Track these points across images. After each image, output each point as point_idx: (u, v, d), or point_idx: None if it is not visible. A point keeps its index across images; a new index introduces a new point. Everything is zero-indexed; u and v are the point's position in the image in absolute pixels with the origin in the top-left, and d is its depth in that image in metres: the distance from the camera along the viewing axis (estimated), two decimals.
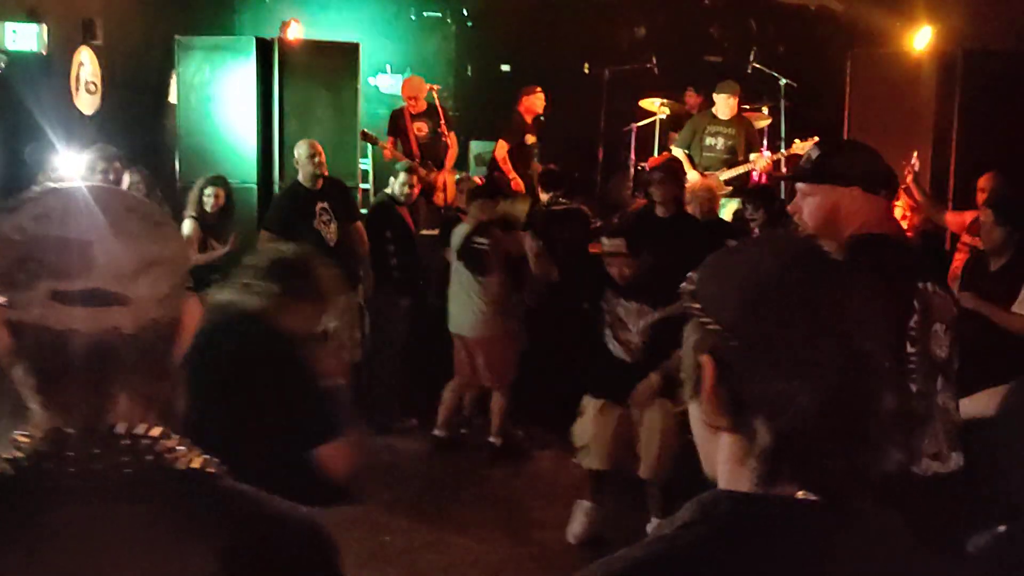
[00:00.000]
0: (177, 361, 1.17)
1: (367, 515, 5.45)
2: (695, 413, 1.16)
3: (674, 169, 6.95)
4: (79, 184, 1.16)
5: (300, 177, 6.77)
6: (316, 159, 6.65)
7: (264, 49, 7.50)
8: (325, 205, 6.71)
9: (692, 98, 10.08)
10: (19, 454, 1.09)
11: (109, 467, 1.09)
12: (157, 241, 1.12)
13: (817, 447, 1.06)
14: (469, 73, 11.39)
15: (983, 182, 6.29)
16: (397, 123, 9.01)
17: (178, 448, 1.13)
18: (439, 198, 8.73)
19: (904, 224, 6.18)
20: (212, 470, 1.15)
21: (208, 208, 6.70)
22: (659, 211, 6.52)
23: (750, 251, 1.20)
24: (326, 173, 6.76)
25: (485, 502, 5.87)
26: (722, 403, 1.11)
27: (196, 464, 1.14)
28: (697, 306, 1.13)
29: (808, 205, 2.62)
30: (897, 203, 6.41)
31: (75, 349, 1.08)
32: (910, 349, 2.34)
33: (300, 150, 6.73)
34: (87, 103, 8.06)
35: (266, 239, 6.47)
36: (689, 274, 1.18)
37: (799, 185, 2.69)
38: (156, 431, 1.12)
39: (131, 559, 1.08)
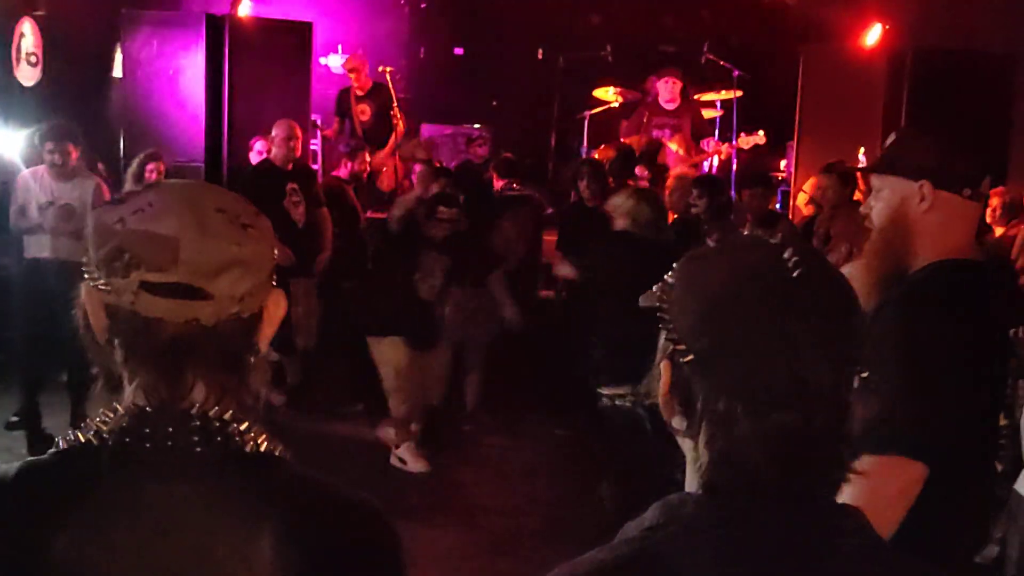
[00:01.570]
0: (260, 352, 1.26)
1: None
2: None
3: (597, 164, 7.15)
4: (182, 181, 1.27)
5: (273, 156, 6.75)
6: (292, 142, 6.64)
7: (214, 26, 7.35)
8: (295, 186, 6.68)
9: (655, 86, 10.01)
10: (104, 427, 1.18)
11: (181, 445, 1.17)
12: (240, 242, 1.19)
13: (754, 471, 1.06)
14: (421, 55, 11.29)
15: None
16: (343, 104, 8.93)
17: (247, 431, 1.21)
18: (383, 182, 8.65)
19: None
20: (279, 453, 1.23)
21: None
22: (588, 203, 6.71)
23: (713, 258, 1.16)
24: (299, 155, 6.75)
25: (433, 487, 5.84)
26: (675, 411, 1.12)
27: (263, 447, 1.21)
28: (664, 309, 1.13)
29: (876, 203, 2.12)
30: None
31: (160, 336, 1.17)
32: (1003, 421, 1.92)
33: (277, 130, 6.70)
34: (27, 75, 7.85)
35: None
36: (667, 274, 1.16)
37: (872, 180, 2.21)
38: (228, 414, 1.20)
39: (198, 534, 1.16)
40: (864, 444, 1.14)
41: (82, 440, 1.18)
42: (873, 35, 8.21)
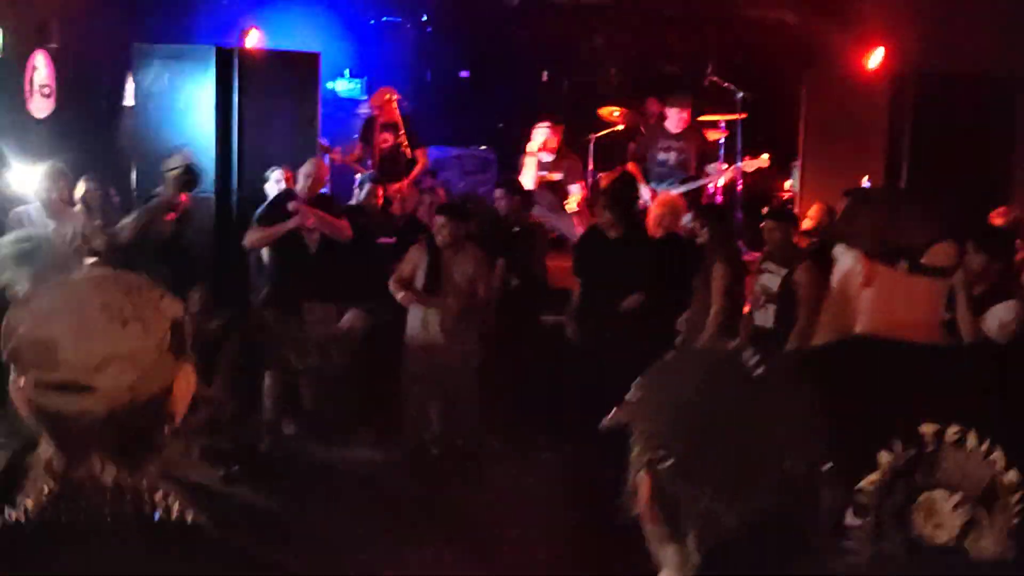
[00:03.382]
0: (173, 428, 1.37)
1: (324, 530, 5.44)
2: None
3: (620, 192, 7.08)
4: (82, 278, 1.37)
5: (298, 188, 6.92)
6: (310, 178, 6.82)
7: (223, 58, 7.43)
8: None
9: (655, 106, 10.06)
10: (30, 504, 1.31)
11: (94, 515, 1.29)
12: (119, 339, 1.30)
13: (745, 564, 1.12)
14: (428, 79, 11.39)
15: None
16: (368, 132, 9.09)
17: (163, 500, 1.33)
18: (396, 209, 8.74)
19: None
20: (189, 519, 1.34)
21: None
22: (609, 233, 6.68)
23: (681, 367, 1.23)
24: (319, 190, 6.91)
25: (443, 516, 5.88)
26: (658, 518, 1.16)
27: (174, 513, 1.33)
28: (634, 423, 1.18)
29: (835, 269, 1.92)
30: None
31: (61, 426, 1.31)
32: (850, 520, 1.61)
33: (303, 167, 6.90)
34: (41, 107, 7.94)
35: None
36: (635, 384, 1.21)
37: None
38: (141, 484, 1.32)
39: None
40: None
41: (13, 519, 1.31)
42: (876, 58, 8.27)
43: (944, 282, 1.85)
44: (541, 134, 8.89)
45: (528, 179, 8.82)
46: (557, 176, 8.93)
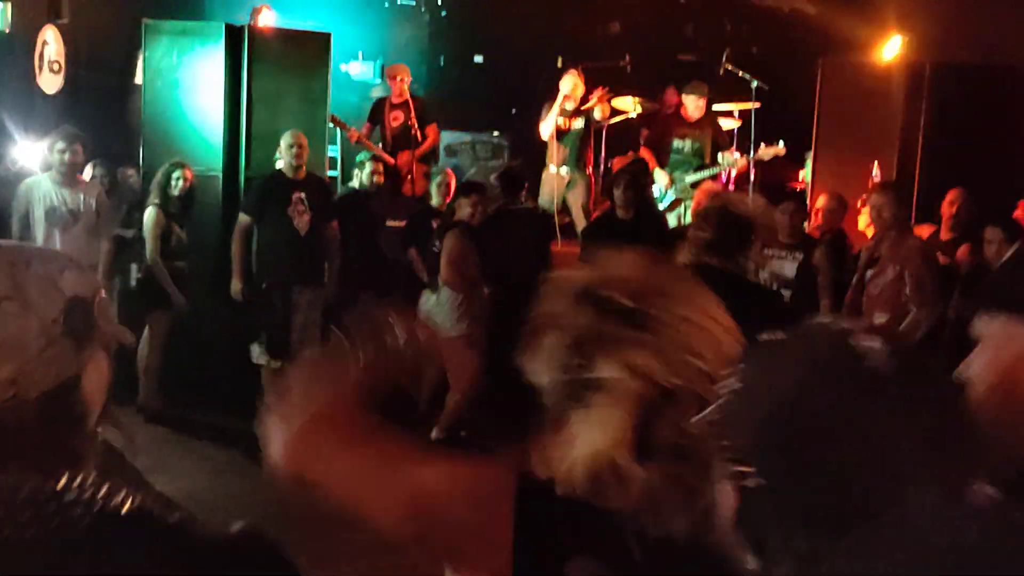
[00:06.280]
0: (89, 422, 1.18)
1: (326, 513, 5.40)
2: None
3: (636, 174, 7.02)
4: None
5: (282, 165, 6.90)
6: (295, 150, 6.80)
7: (233, 36, 7.38)
8: (302, 195, 6.81)
9: (673, 97, 9.96)
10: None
11: (66, 521, 1.12)
12: None
13: None
14: (441, 63, 11.34)
15: (952, 197, 6.38)
16: (378, 111, 9.05)
17: (112, 492, 1.16)
18: (407, 189, 8.68)
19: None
20: (147, 504, 1.19)
21: (176, 193, 6.70)
22: (620, 213, 6.65)
23: (770, 359, 0.91)
24: (302, 164, 6.86)
25: None
26: (743, 545, 0.90)
27: (127, 505, 1.16)
28: (719, 423, 0.92)
29: None
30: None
31: None
32: None
33: (284, 139, 6.88)
34: (50, 83, 7.93)
35: (241, 220, 6.80)
36: (735, 368, 0.94)
37: None
38: (89, 480, 1.15)
39: None
40: None
41: None
42: (892, 48, 8.18)
43: None
44: (569, 81, 8.79)
45: (549, 125, 8.75)
46: (578, 125, 8.81)
